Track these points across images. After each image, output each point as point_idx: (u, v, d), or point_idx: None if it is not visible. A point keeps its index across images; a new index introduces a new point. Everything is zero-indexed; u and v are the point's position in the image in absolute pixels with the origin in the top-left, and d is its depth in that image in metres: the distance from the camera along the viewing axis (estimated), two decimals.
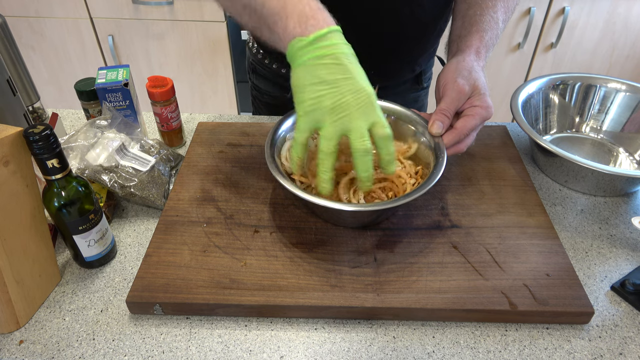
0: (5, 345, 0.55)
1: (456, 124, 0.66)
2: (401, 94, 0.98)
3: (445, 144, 0.65)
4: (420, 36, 0.87)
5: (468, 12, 0.74)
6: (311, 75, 0.54)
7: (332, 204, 0.57)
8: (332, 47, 0.54)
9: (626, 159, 0.82)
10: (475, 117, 0.65)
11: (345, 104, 0.53)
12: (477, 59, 0.69)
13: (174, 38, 1.79)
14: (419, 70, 0.96)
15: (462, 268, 0.60)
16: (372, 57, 0.85)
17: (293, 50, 0.54)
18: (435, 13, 0.83)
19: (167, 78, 0.79)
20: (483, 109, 0.65)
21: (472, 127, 0.65)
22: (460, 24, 0.74)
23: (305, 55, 0.54)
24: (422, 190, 0.58)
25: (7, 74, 0.67)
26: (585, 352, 0.55)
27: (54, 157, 0.52)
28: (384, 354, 0.54)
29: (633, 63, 1.83)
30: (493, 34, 0.72)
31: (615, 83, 0.84)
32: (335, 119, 0.54)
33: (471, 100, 0.66)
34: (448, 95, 0.66)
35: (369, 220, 0.65)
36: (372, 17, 0.79)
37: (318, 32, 0.53)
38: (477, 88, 0.66)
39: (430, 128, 0.66)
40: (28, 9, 1.73)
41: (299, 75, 0.55)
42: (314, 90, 0.54)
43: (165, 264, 0.60)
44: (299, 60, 0.54)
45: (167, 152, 0.77)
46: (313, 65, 0.53)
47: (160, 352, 0.54)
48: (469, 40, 0.70)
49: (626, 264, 0.64)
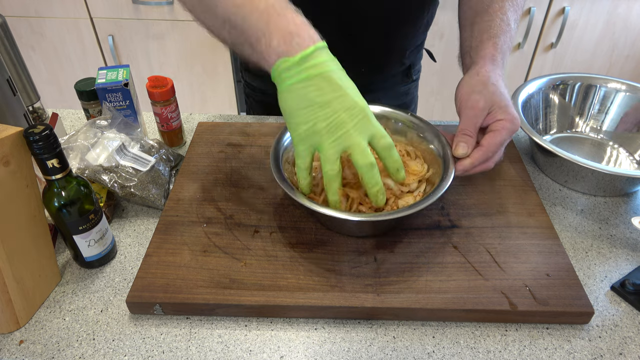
0: (5, 345, 0.55)
1: (482, 140, 0.63)
2: (392, 88, 0.99)
3: (472, 162, 0.62)
4: (407, 29, 0.87)
5: (475, 19, 0.71)
6: (301, 99, 0.52)
7: (339, 214, 0.57)
8: (320, 67, 0.51)
9: (626, 159, 0.82)
10: (501, 132, 0.62)
11: (341, 123, 0.52)
12: (494, 68, 0.65)
13: (174, 38, 1.79)
14: (407, 63, 0.96)
15: (462, 268, 0.60)
16: (361, 54, 0.86)
17: (278, 71, 0.52)
18: (419, 5, 0.83)
19: (167, 78, 0.79)
20: (508, 121, 0.62)
21: (499, 143, 0.62)
22: (470, 34, 0.71)
23: (293, 77, 0.51)
24: (430, 200, 0.58)
25: (7, 74, 0.67)
26: (585, 352, 0.55)
27: (54, 157, 0.52)
28: (384, 354, 0.54)
29: (633, 63, 1.83)
30: (507, 38, 0.68)
31: (615, 83, 0.84)
32: (333, 140, 0.53)
33: (494, 115, 0.63)
34: (464, 114, 0.64)
35: (376, 230, 0.65)
36: (358, 14, 0.79)
37: (304, 51, 0.51)
38: (496, 101, 0.63)
39: (455, 150, 0.63)
40: (28, 9, 1.73)
41: (288, 99, 0.53)
42: (306, 114, 0.52)
43: (165, 264, 0.60)
44: (286, 82, 0.52)
45: (167, 152, 0.77)
46: (302, 88, 0.52)
47: (160, 352, 0.54)
48: (482, 50, 0.67)
49: (626, 264, 0.64)
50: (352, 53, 0.86)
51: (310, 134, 0.53)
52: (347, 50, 0.86)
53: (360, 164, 0.54)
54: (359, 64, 0.89)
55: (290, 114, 0.54)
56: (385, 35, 0.85)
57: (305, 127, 0.53)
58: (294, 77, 0.51)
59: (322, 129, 0.52)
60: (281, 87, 0.53)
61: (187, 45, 1.81)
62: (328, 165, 0.54)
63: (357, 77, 0.92)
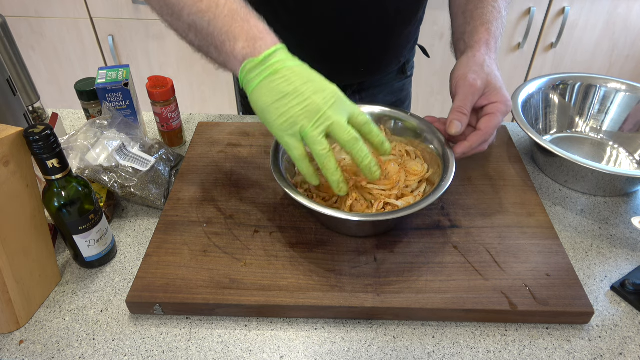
0: (5, 345, 0.55)
1: (479, 124, 0.65)
2: (388, 84, 1.00)
3: (470, 145, 0.64)
4: (404, 27, 0.88)
5: (468, 7, 0.73)
6: (271, 92, 0.53)
7: (339, 214, 0.57)
8: (283, 62, 0.54)
9: (626, 159, 0.82)
10: (496, 114, 0.64)
11: (316, 107, 0.53)
12: (488, 51, 0.68)
13: (174, 38, 1.78)
14: (404, 60, 0.97)
15: (462, 268, 0.60)
16: (360, 54, 0.86)
17: (245, 71, 0.54)
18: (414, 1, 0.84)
19: (167, 78, 0.79)
20: (502, 104, 0.64)
21: (495, 126, 0.65)
22: (463, 21, 0.73)
23: (259, 76, 0.53)
24: (430, 200, 0.58)
25: (7, 74, 0.67)
26: (585, 352, 0.55)
27: (54, 157, 0.52)
28: (384, 354, 0.54)
29: (633, 63, 1.83)
30: (499, 24, 0.71)
31: (615, 83, 0.84)
32: (313, 123, 0.53)
33: (488, 97, 0.65)
34: (461, 92, 0.65)
35: (376, 230, 0.65)
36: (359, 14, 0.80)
37: (267, 51, 0.53)
38: (491, 82, 0.65)
39: (449, 128, 0.64)
40: (28, 9, 1.73)
41: (259, 98, 0.54)
42: (279, 106, 0.53)
43: (165, 264, 0.60)
44: (253, 82, 0.54)
45: (167, 152, 0.77)
46: (269, 82, 0.53)
47: (160, 352, 0.54)
48: (476, 35, 0.69)
49: (626, 264, 0.64)
50: (352, 53, 0.87)
51: (289, 124, 0.54)
52: (347, 50, 0.86)
53: (345, 140, 0.54)
54: (358, 64, 0.89)
55: (265, 111, 0.54)
56: (384, 35, 0.85)
57: (283, 119, 0.54)
58: (261, 75, 0.53)
59: (300, 116, 0.53)
60: (250, 88, 0.55)
61: (187, 45, 1.80)
62: (317, 146, 0.54)
63: (355, 76, 0.93)
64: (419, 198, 0.64)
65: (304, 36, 0.79)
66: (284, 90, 0.53)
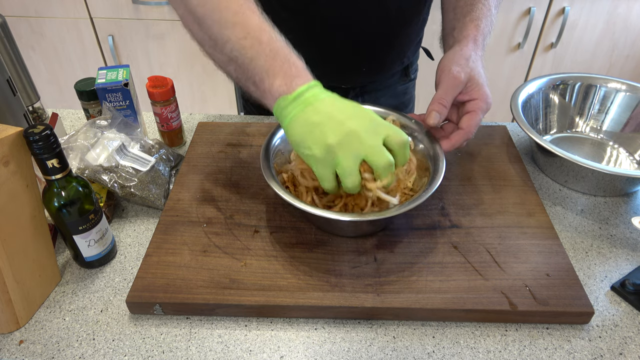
0: (5, 345, 0.55)
1: (461, 123, 0.66)
2: (391, 87, 1.00)
3: (453, 144, 0.65)
4: (406, 27, 0.88)
5: (458, 3, 0.73)
6: (304, 124, 0.54)
7: (328, 214, 0.57)
8: (316, 96, 0.55)
9: (626, 159, 0.82)
10: (477, 112, 0.65)
11: (351, 131, 0.53)
12: (475, 47, 0.68)
13: (174, 38, 1.79)
14: (407, 62, 0.97)
15: (462, 268, 0.60)
16: (362, 52, 0.87)
17: (280, 108, 0.56)
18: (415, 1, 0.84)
19: (167, 78, 0.79)
20: (482, 101, 0.65)
21: (477, 124, 0.65)
22: (453, 17, 0.74)
23: (293, 110, 0.55)
24: (419, 201, 0.58)
25: (7, 74, 0.67)
26: (585, 352, 0.55)
27: (54, 157, 0.52)
28: (384, 354, 0.54)
29: (633, 63, 1.83)
30: (488, 22, 0.72)
31: (615, 83, 0.84)
32: (348, 150, 0.53)
33: (470, 92, 0.66)
34: (443, 84, 0.65)
35: (369, 229, 0.65)
36: (361, 13, 0.80)
37: (300, 88, 0.54)
38: (474, 77, 0.65)
39: (427, 118, 0.65)
40: (28, 9, 1.73)
41: (293, 130, 0.55)
42: (313, 136, 0.54)
43: (165, 264, 0.60)
44: (289, 116, 0.55)
45: (167, 152, 0.77)
46: (302, 115, 0.54)
47: (160, 352, 0.54)
48: (464, 31, 0.70)
49: (626, 264, 0.64)
50: (353, 52, 0.86)
51: (325, 153, 0.53)
52: (349, 49, 0.86)
53: (381, 166, 0.54)
54: (360, 64, 0.89)
55: (300, 144, 0.55)
56: (386, 34, 0.85)
57: (318, 149, 0.54)
58: (295, 109, 0.55)
59: (335, 144, 0.53)
60: (285, 124, 0.56)
61: (187, 45, 1.81)
62: (349, 179, 0.54)
63: (357, 76, 0.93)
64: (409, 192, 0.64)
65: (305, 35, 0.79)
66: (317, 120, 0.54)
